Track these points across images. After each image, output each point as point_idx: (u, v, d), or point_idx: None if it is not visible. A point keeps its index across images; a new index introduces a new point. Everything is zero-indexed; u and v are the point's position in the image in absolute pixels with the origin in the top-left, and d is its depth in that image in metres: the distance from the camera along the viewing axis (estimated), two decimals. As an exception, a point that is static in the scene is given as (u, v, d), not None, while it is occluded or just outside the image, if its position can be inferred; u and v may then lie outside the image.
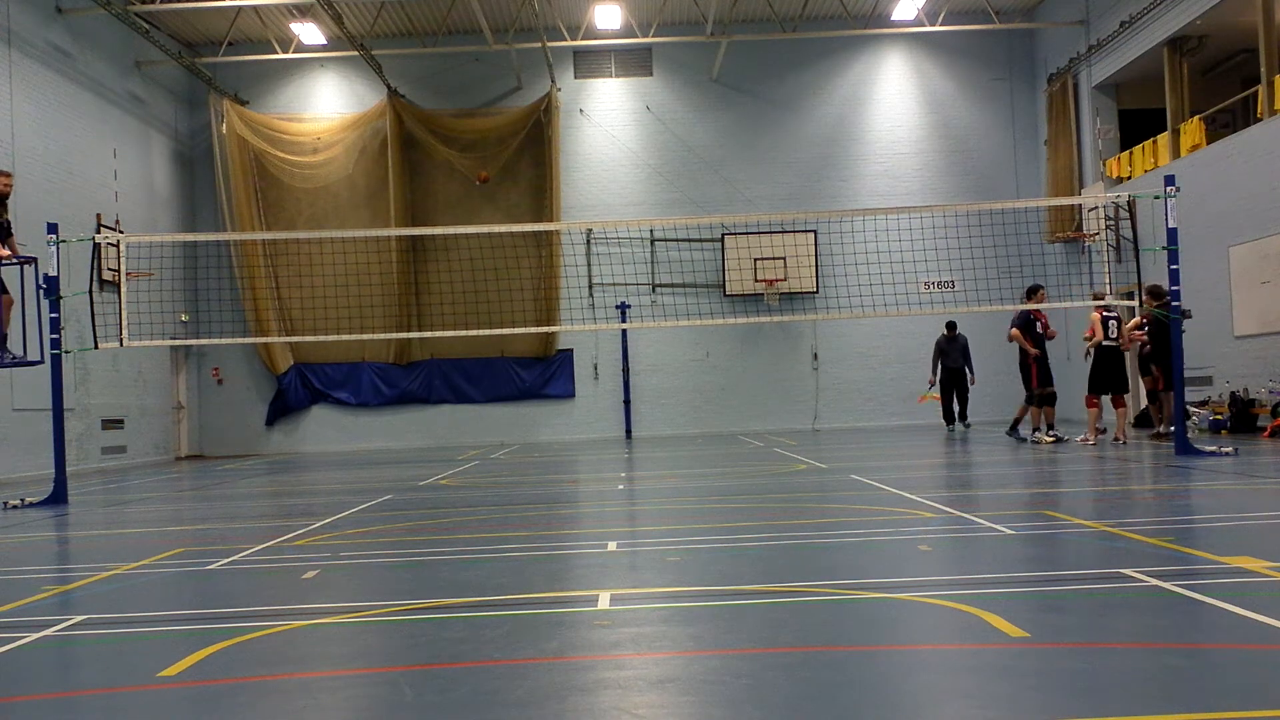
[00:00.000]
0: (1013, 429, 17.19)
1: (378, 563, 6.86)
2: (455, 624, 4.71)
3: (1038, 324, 16.36)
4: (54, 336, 12.09)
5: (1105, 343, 15.24)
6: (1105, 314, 15.27)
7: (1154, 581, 4.93)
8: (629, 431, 25.53)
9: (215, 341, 23.85)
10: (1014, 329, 16.33)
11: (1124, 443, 14.96)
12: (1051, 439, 15.58)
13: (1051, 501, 8.59)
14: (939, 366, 20.42)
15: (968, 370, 20.20)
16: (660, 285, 25.44)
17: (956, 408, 20.30)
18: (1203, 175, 18.65)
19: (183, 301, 23.60)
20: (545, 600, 5.22)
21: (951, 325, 20.28)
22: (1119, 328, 15.40)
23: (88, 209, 20.34)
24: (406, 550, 7.28)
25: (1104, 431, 15.90)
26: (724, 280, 25.42)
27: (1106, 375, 15.27)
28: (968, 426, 20.31)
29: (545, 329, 24.38)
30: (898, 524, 7.41)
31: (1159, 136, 20.84)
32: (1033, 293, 16.34)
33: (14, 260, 11.96)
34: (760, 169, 25.91)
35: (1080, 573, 5.31)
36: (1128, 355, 16.36)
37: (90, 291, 12.79)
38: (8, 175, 12.10)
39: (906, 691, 3.54)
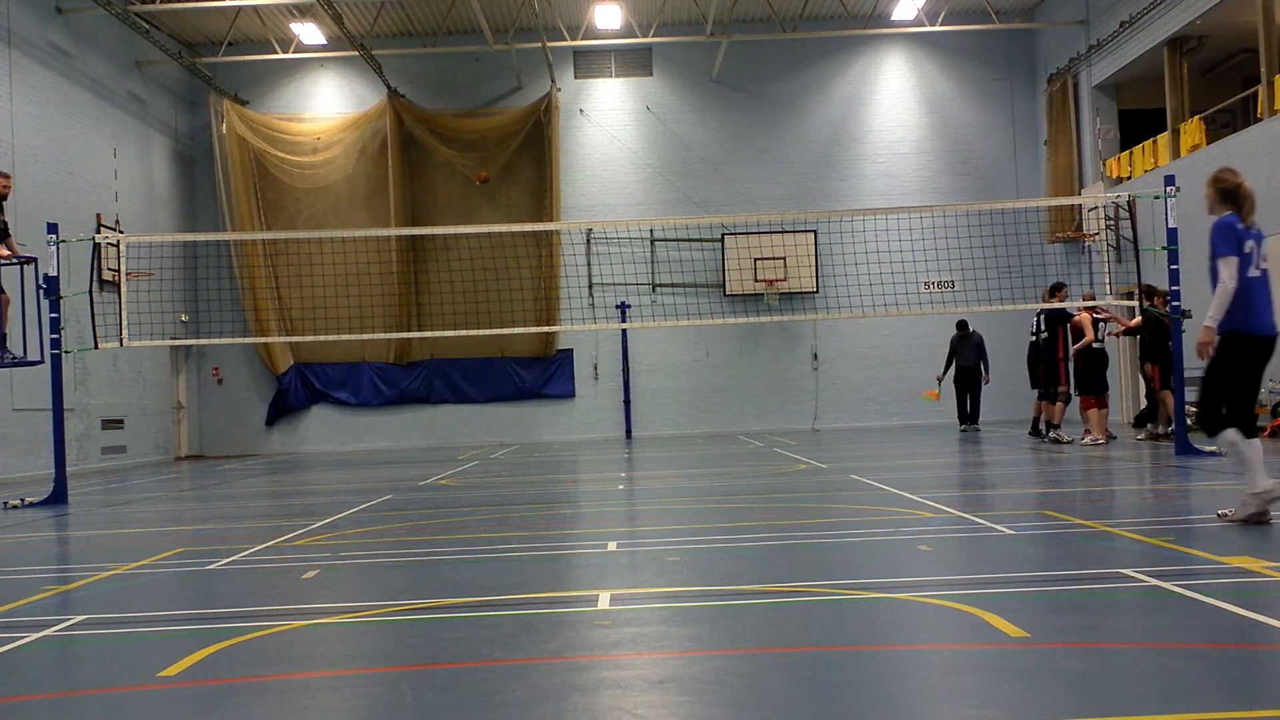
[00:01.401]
0: (1043, 430, 16.64)
1: (378, 563, 6.86)
2: (455, 624, 4.71)
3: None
4: (54, 336, 12.09)
5: (1095, 345, 15.23)
6: (1095, 316, 15.25)
7: (1154, 581, 4.93)
8: (629, 431, 25.53)
9: (215, 341, 23.84)
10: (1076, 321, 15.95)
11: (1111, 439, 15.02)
12: (1053, 439, 15.58)
13: (1052, 501, 8.59)
14: (950, 365, 20.23)
15: (983, 369, 20.00)
16: (660, 285, 25.44)
17: (968, 407, 20.15)
18: (1203, 175, 18.54)
19: (183, 301, 23.59)
20: (545, 600, 5.22)
21: (962, 324, 20.10)
22: (1105, 329, 15.40)
23: (88, 209, 20.34)
24: (406, 550, 7.28)
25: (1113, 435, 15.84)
26: (724, 280, 25.42)
27: (1099, 376, 15.26)
28: (976, 430, 20.07)
29: (545, 329, 24.40)
30: (898, 524, 7.41)
31: (1159, 136, 20.84)
32: (1057, 290, 16.22)
33: (14, 260, 11.97)
34: (760, 169, 25.91)
35: (1080, 573, 5.31)
36: (1123, 354, 16.35)
37: (90, 291, 12.80)
38: (6, 177, 12.11)
39: (906, 691, 3.54)
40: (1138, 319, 14.78)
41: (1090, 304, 15.11)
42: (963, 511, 7.88)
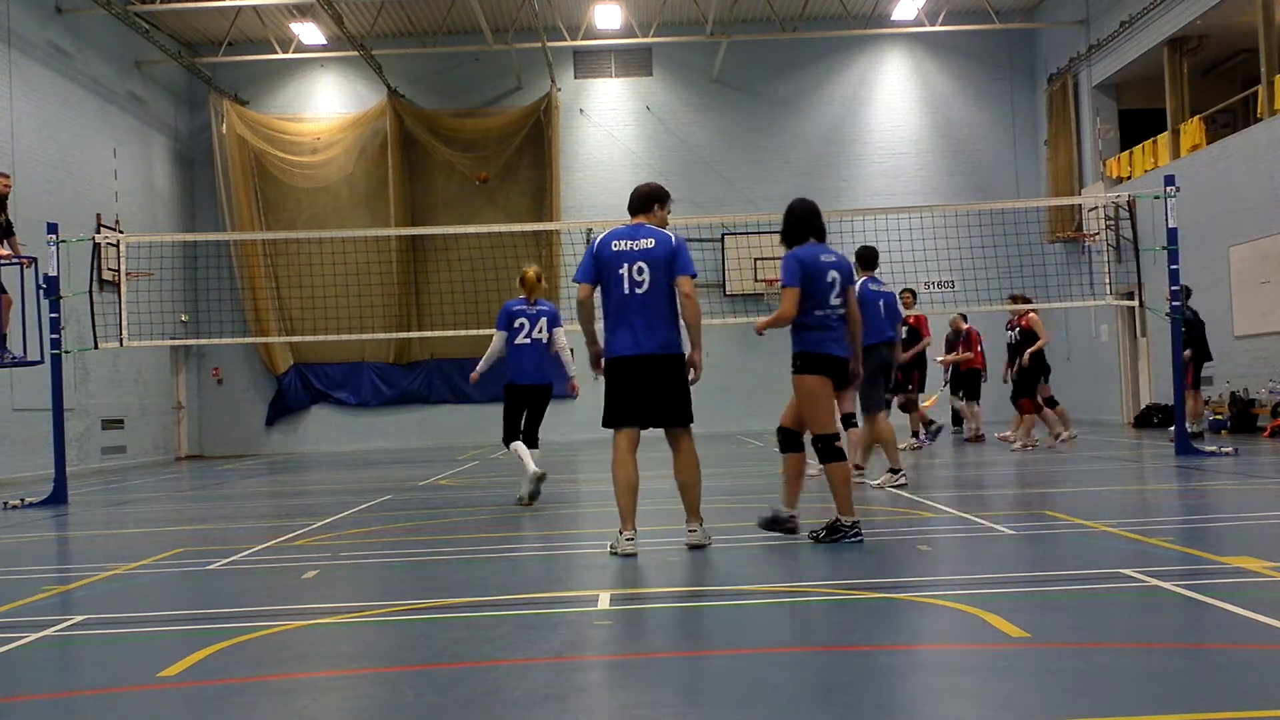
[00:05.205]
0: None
1: (378, 563, 6.86)
2: (455, 624, 4.71)
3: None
4: (54, 336, 12.09)
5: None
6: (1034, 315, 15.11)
7: (1154, 581, 4.93)
8: (629, 431, 25.48)
9: (215, 341, 23.83)
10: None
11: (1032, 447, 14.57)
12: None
13: (1051, 501, 8.59)
14: (951, 366, 20.09)
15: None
16: (660, 285, 25.39)
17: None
18: (1203, 175, 18.64)
19: (183, 301, 23.57)
20: (545, 600, 5.22)
21: (963, 318, 19.93)
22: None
23: (88, 209, 20.33)
24: (406, 550, 7.28)
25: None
26: (724, 280, 25.41)
27: (1037, 379, 15.02)
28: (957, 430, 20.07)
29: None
30: (898, 524, 7.41)
31: (1159, 136, 20.84)
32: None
33: (14, 260, 11.96)
34: (760, 169, 25.90)
35: (1080, 573, 5.31)
36: (1123, 354, 16.29)
37: (90, 291, 12.80)
38: (6, 176, 12.11)
39: (906, 691, 3.54)
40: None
41: (1030, 306, 15.05)
42: (963, 511, 7.88)
